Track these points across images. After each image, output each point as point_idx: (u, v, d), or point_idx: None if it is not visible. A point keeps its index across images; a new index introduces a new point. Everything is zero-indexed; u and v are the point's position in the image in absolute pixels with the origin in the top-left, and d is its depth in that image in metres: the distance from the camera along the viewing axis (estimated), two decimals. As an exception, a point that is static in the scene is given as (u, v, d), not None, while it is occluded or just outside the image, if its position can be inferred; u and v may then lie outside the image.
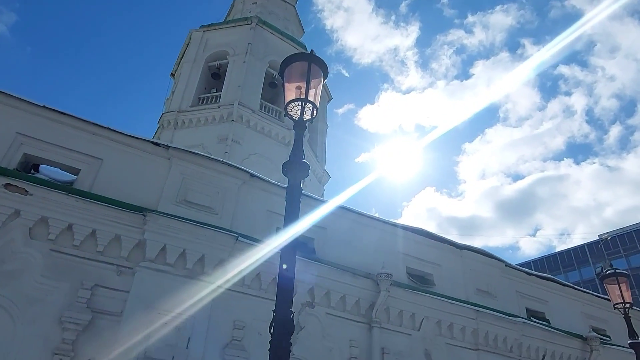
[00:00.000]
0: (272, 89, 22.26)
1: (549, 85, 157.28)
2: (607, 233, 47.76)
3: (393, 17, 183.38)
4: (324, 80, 4.79)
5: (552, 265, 50.28)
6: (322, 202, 10.29)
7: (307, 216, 10.00)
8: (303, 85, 4.43)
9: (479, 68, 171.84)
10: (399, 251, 10.85)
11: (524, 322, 11.64)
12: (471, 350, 10.68)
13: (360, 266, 9.68)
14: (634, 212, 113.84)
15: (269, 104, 20.88)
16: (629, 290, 8.71)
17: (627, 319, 8.39)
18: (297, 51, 4.87)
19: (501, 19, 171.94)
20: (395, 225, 11.09)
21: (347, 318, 9.17)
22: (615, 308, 8.77)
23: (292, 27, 27.23)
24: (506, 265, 12.73)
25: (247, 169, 9.43)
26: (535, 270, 15.83)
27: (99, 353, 6.73)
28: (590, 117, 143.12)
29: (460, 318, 10.63)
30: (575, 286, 14.38)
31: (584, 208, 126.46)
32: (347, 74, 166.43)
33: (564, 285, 13.96)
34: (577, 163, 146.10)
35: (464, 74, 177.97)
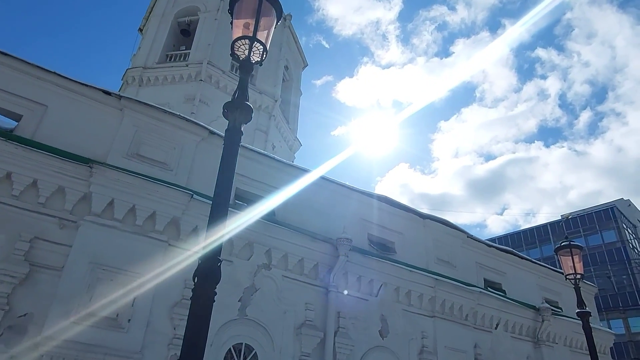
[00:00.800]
0: (245, 50, 21.47)
1: (525, 67, 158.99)
2: (569, 213, 49.52)
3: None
4: (277, 22, 4.41)
5: (516, 242, 51.88)
6: (285, 164, 10.00)
7: (272, 178, 9.73)
8: (252, 22, 4.05)
9: (460, 46, 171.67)
10: (361, 218, 10.75)
11: (480, 292, 11.87)
12: (427, 317, 10.83)
13: (321, 231, 9.53)
14: (596, 195, 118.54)
15: (240, 66, 20.13)
16: (581, 262, 8.88)
17: (577, 289, 8.58)
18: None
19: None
20: (359, 192, 10.93)
21: (304, 281, 9.06)
22: (567, 279, 8.95)
23: (269, -13, 26.11)
24: (468, 237, 12.87)
25: (207, 126, 9.00)
26: (499, 246, 16.05)
27: (37, 307, 6.41)
28: (563, 102, 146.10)
29: (419, 286, 10.71)
30: (533, 259, 14.74)
31: (550, 190, 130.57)
32: (327, 45, 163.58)
33: (522, 258, 14.28)
34: (547, 146, 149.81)
35: (444, 52, 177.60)
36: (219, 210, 3.36)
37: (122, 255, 7.14)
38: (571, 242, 8.90)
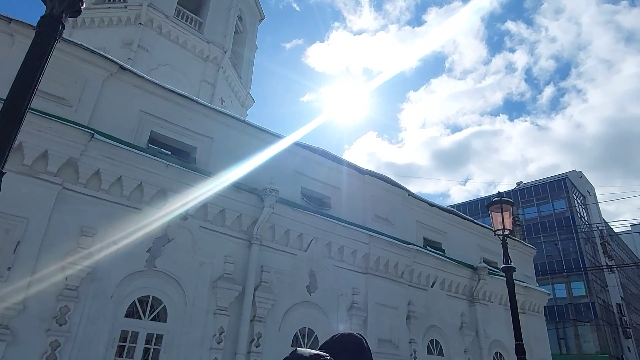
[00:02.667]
0: (194, -5, 19.98)
1: (495, 39, 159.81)
2: (524, 183, 50.96)
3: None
4: None
5: (474, 209, 53.08)
6: (209, 108, 9.22)
7: (195, 123, 9.00)
8: None
9: (432, 15, 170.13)
10: (295, 170, 10.21)
11: (417, 250, 11.71)
12: (360, 273, 10.58)
13: (249, 181, 8.94)
14: (553, 169, 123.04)
15: (187, 12, 18.72)
16: (511, 218, 8.71)
17: (504, 244, 8.42)
18: None
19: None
20: (294, 143, 10.32)
21: (224, 233, 8.51)
22: (495, 234, 8.79)
23: None
24: (409, 195, 12.61)
25: (117, 60, 8.08)
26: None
27: None
28: (529, 76, 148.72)
29: (352, 242, 10.39)
30: (474, 220, 14.74)
31: (511, 162, 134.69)
32: (298, 8, 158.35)
33: (464, 218, 14.24)
34: (511, 120, 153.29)
35: (416, 20, 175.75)
36: (11, 112, 2.69)
37: (4, 198, 6.32)
38: (502, 198, 8.67)
